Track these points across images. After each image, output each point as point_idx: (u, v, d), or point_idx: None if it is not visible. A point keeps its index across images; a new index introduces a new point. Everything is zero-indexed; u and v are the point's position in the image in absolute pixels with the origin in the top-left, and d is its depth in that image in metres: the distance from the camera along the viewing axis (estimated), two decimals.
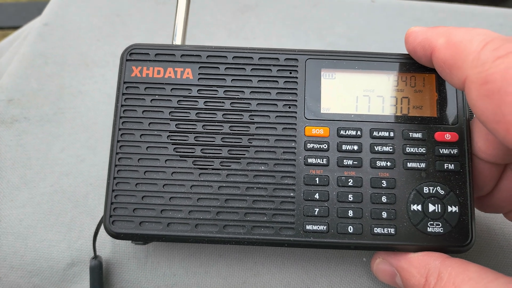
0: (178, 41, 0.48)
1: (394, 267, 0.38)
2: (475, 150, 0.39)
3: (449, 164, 0.39)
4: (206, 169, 0.40)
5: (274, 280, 0.46)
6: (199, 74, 0.42)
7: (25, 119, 0.55)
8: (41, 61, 0.59)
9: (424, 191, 0.39)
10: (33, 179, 0.51)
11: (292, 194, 0.40)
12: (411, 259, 0.37)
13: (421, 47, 0.37)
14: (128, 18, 0.65)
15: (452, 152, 0.39)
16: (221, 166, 0.40)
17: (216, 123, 0.41)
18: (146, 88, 0.42)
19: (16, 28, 0.75)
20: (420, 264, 0.36)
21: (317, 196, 0.39)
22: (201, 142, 0.41)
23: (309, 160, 0.40)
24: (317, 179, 0.40)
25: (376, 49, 0.63)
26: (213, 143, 0.41)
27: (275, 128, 0.41)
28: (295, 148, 0.40)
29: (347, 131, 0.40)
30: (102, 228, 0.44)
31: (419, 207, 0.38)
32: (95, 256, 0.45)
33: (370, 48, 0.63)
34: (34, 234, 0.48)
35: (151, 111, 0.41)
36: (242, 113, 0.41)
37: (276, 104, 0.41)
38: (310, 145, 0.40)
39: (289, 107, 0.41)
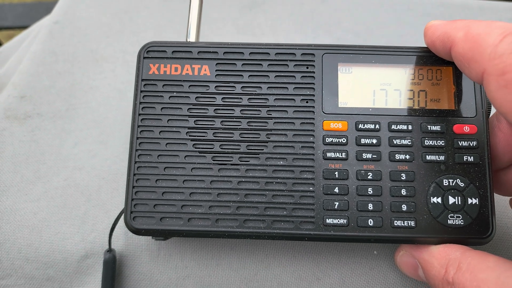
0: (192, 38, 0.48)
1: (416, 259, 0.38)
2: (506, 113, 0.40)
3: (469, 156, 0.39)
4: (225, 164, 0.41)
5: (285, 273, 0.46)
6: (216, 70, 0.42)
7: (38, 115, 0.55)
8: (52, 58, 0.59)
9: (444, 184, 0.39)
10: (47, 173, 0.51)
11: (311, 188, 0.40)
12: (432, 251, 0.37)
13: (440, 41, 0.37)
14: (136, 14, 0.65)
15: (471, 144, 0.39)
16: (240, 161, 0.41)
17: (234, 119, 0.41)
18: (164, 85, 0.42)
19: (24, 28, 0.75)
20: (441, 255, 0.36)
21: (336, 190, 0.39)
22: (219, 138, 0.41)
23: (328, 154, 0.40)
24: (336, 173, 0.40)
25: (384, 44, 0.63)
26: (232, 138, 0.41)
27: (293, 123, 0.41)
28: (313, 142, 0.41)
29: (365, 124, 0.40)
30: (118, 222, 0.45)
31: (439, 200, 0.39)
32: (110, 250, 0.46)
33: (378, 43, 0.63)
34: (48, 227, 0.48)
35: (169, 108, 0.42)
36: (260, 108, 0.41)
37: (293, 99, 0.41)
38: (328, 139, 0.40)
39: (307, 102, 0.41)
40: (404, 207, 0.39)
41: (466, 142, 0.39)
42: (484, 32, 0.33)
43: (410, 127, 0.40)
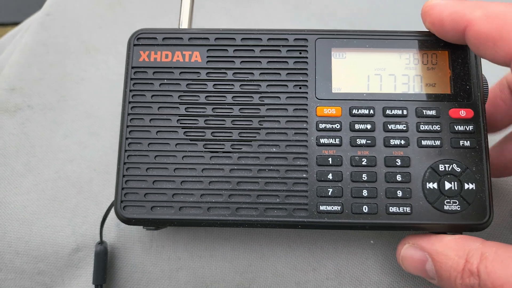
0: (184, 25, 0.47)
1: (427, 251, 0.36)
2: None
3: (465, 141, 0.38)
4: (217, 152, 0.40)
5: (280, 263, 0.45)
6: (207, 57, 0.41)
7: (28, 107, 0.54)
8: (43, 50, 0.59)
9: (440, 169, 0.38)
10: (37, 166, 0.51)
11: (304, 175, 0.39)
12: (448, 242, 0.35)
13: (451, 20, 0.36)
14: (129, 5, 0.64)
15: (467, 129, 0.39)
16: (232, 149, 0.40)
17: (226, 106, 0.40)
18: (154, 72, 0.41)
19: (18, 24, 0.75)
20: (458, 246, 0.34)
21: (330, 176, 0.39)
22: (211, 125, 0.40)
23: (322, 141, 0.39)
24: (330, 159, 0.39)
25: None
26: (224, 126, 0.40)
27: (286, 109, 0.40)
28: (306, 129, 0.40)
29: (359, 110, 0.40)
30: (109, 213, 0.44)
31: (435, 185, 0.38)
32: (101, 242, 0.45)
33: None
34: (38, 220, 0.48)
35: (160, 95, 0.41)
36: (252, 95, 0.41)
37: (286, 85, 0.41)
38: (322, 125, 0.40)
39: (300, 88, 0.41)
40: (399, 193, 0.38)
41: (462, 126, 0.39)
42: (509, 10, 0.32)
43: (405, 112, 0.39)
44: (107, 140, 0.52)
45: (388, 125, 0.39)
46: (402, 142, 0.39)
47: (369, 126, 0.39)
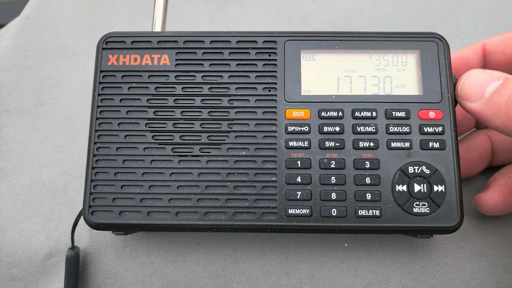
0: (158, 28, 0.47)
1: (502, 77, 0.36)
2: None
3: (434, 143, 0.38)
4: (186, 156, 0.39)
5: (254, 267, 0.45)
6: (176, 60, 0.41)
7: (5, 111, 0.54)
8: (22, 53, 0.58)
9: (409, 171, 0.38)
10: (13, 171, 0.50)
11: (274, 178, 0.39)
12: None
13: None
14: (110, 8, 0.64)
15: (436, 130, 0.38)
16: (201, 152, 0.39)
17: (195, 109, 0.40)
18: (123, 76, 0.41)
19: (2, 27, 0.74)
20: None
21: (299, 179, 0.38)
22: (180, 129, 0.40)
23: (290, 143, 0.39)
24: (298, 162, 0.39)
25: None
26: (192, 129, 0.40)
27: (255, 112, 0.40)
28: (276, 131, 0.39)
29: (328, 112, 0.39)
30: (80, 218, 0.43)
31: (404, 188, 0.37)
32: (73, 247, 0.45)
33: None
34: (12, 226, 0.47)
35: (128, 99, 0.40)
36: (221, 97, 0.40)
37: (255, 88, 0.40)
38: (291, 128, 0.39)
39: (269, 90, 0.40)
40: (368, 196, 0.37)
41: (431, 128, 0.38)
42: None
43: (374, 114, 0.39)
44: (84, 144, 0.52)
45: (357, 127, 0.39)
46: (371, 144, 0.38)
47: (338, 129, 0.39)
